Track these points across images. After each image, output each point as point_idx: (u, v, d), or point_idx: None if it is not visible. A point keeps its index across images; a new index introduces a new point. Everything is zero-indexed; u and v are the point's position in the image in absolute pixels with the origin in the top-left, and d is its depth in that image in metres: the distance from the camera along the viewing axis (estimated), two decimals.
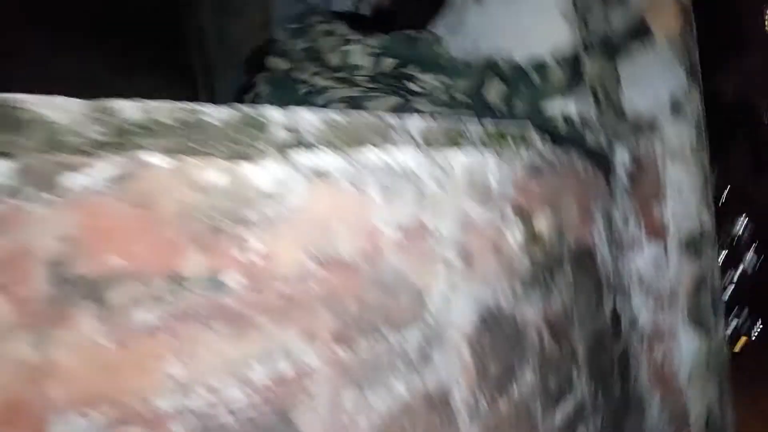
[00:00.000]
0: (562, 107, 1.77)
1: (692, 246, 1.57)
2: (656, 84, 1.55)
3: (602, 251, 1.49)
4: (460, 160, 0.91)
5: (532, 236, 1.12)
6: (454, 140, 1.00)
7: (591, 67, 1.72)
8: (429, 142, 0.89)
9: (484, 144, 1.07)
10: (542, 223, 1.16)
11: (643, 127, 1.58)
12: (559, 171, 1.27)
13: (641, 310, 1.63)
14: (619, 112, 1.64)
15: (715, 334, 1.61)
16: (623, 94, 1.63)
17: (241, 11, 3.54)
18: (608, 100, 1.68)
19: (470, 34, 1.70)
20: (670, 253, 1.59)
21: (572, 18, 1.72)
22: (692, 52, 1.55)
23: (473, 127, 1.10)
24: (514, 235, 1.04)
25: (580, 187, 1.39)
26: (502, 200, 1.00)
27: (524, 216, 1.10)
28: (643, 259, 1.61)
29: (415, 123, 0.88)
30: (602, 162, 1.52)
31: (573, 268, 1.28)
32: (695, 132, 1.54)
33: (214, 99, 4.08)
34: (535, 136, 1.37)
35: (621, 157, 1.59)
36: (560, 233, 1.23)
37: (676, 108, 1.54)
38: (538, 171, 1.16)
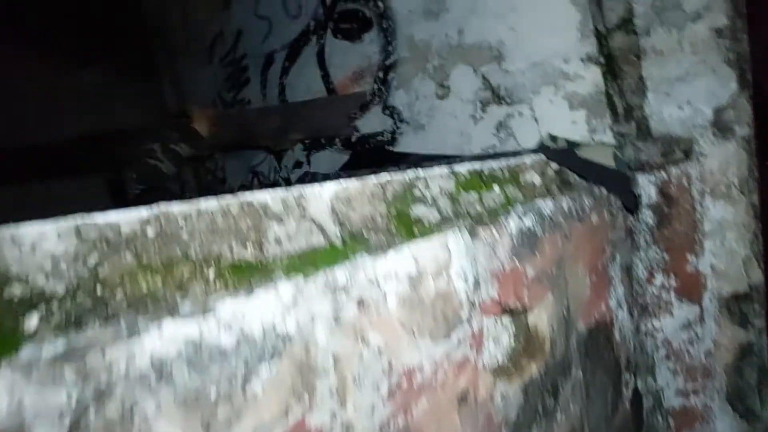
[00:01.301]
0: (567, 121, 1.38)
1: (736, 308, 1.19)
2: (695, 93, 1.16)
3: (621, 322, 1.11)
4: (399, 264, 0.53)
5: (524, 344, 0.74)
6: (403, 217, 0.61)
7: (607, 67, 1.32)
8: (345, 222, 0.50)
9: (448, 213, 0.69)
10: (541, 318, 0.77)
11: (676, 151, 1.19)
12: (565, 224, 0.89)
13: (667, 386, 1.27)
14: (644, 130, 1.25)
15: (761, 418, 1.24)
16: (649, 105, 1.23)
17: None
18: (629, 114, 1.29)
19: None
20: (706, 317, 1.22)
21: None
22: (744, 51, 1.14)
23: (435, 180, 0.71)
24: (492, 359, 0.66)
25: (593, 240, 1.01)
26: (471, 313, 0.62)
27: (514, 315, 0.72)
28: (672, 324, 1.24)
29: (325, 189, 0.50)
30: (623, 198, 1.13)
31: (584, 364, 0.91)
32: (745, 158, 1.15)
33: (178, 85, 3.67)
34: (531, 175, 0.98)
35: (645, 191, 1.21)
36: (567, 322, 0.85)
37: (720, 126, 1.15)
38: (533, 237, 0.78)
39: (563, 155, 1.05)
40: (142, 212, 0.40)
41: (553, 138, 1.22)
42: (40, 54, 2.87)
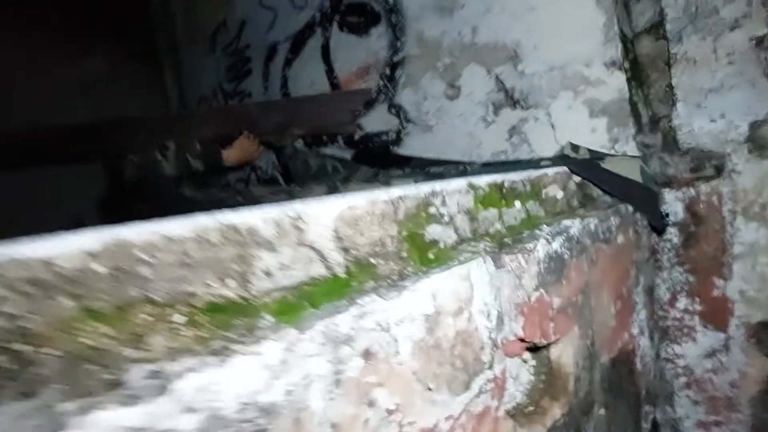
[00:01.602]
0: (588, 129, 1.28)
1: (765, 338, 1.11)
2: (730, 106, 1.07)
3: (643, 349, 1.03)
4: (414, 303, 0.43)
5: (546, 382, 0.65)
6: (416, 239, 0.52)
7: (632, 73, 1.22)
8: (353, 253, 0.41)
9: (466, 234, 0.60)
10: (566, 353, 0.69)
11: (706, 167, 1.10)
12: (591, 247, 0.80)
13: (687, 417, 1.18)
14: (671, 142, 1.16)
15: None
16: (678, 116, 1.14)
17: None
18: (655, 124, 1.20)
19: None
20: (732, 346, 1.13)
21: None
22: None
23: (453, 196, 0.62)
24: (511, 400, 0.57)
25: (619, 263, 0.92)
26: (493, 355, 0.53)
27: (536, 350, 0.63)
28: (694, 350, 1.15)
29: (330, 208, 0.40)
30: (651, 217, 1.04)
31: (607, 400, 0.82)
32: None
33: (179, 74, 3.57)
34: (554, 188, 0.89)
35: (671, 208, 1.12)
36: (591, 355, 0.76)
37: (757, 142, 1.06)
38: (561, 263, 0.69)
39: (587, 167, 0.96)
40: (87, 241, 0.30)
41: (575, 147, 1.13)
42: (42, 38, 2.78)
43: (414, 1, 1.73)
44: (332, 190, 1.39)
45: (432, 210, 0.59)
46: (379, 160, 1.84)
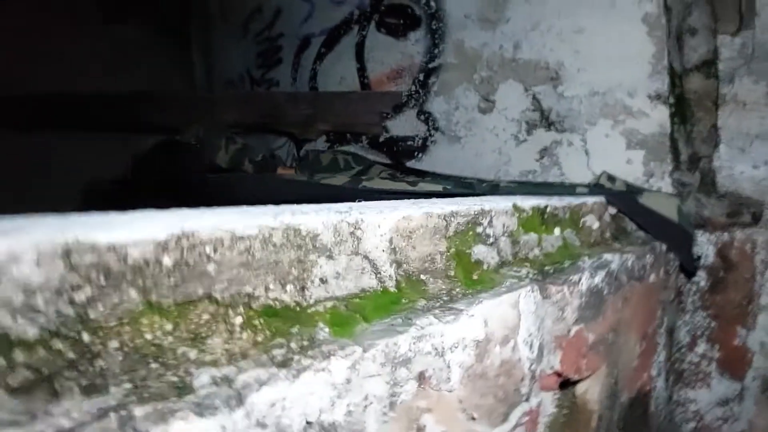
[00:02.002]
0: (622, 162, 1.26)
1: None
2: None
3: (658, 390, 1.00)
4: (469, 328, 0.42)
5: (568, 417, 0.63)
6: (463, 258, 0.51)
7: (676, 109, 1.19)
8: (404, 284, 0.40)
9: (507, 257, 0.58)
10: (593, 391, 0.67)
11: (744, 213, 1.07)
12: (627, 284, 0.78)
13: None
14: (709, 184, 1.13)
15: None
16: (720, 158, 1.12)
17: None
18: (694, 163, 1.17)
19: None
20: (746, 396, 1.10)
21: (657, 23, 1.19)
22: None
23: (500, 217, 0.60)
24: None
25: (648, 302, 0.89)
26: (531, 388, 0.51)
27: (565, 387, 0.61)
28: (707, 397, 1.13)
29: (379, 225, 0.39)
30: (683, 258, 1.01)
31: None
32: None
33: (209, 55, 3.57)
34: (591, 218, 0.87)
35: (702, 250, 1.10)
36: (614, 394, 0.74)
37: None
38: (600, 298, 0.67)
39: (625, 200, 0.94)
40: (158, 231, 0.29)
41: (611, 178, 1.11)
42: (73, 4, 2.78)
43: (457, 10, 1.71)
44: (355, 181, 1.37)
45: (479, 230, 0.57)
46: (401, 168, 1.82)
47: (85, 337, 0.26)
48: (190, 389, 0.25)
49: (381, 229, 0.43)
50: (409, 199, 1.17)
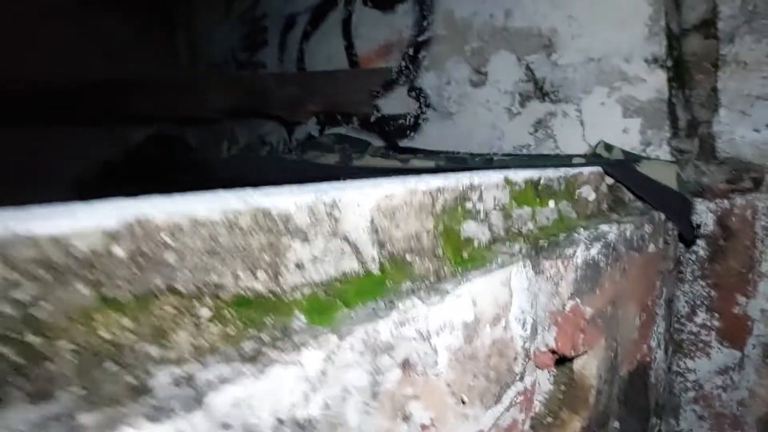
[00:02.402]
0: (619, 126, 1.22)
1: None
2: None
3: (657, 362, 1.00)
4: (456, 309, 0.40)
5: (566, 393, 0.62)
6: (451, 236, 0.48)
7: (674, 73, 1.15)
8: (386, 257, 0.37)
9: (499, 233, 0.56)
10: (590, 366, 0.65)
11: (744, 179, 1.05)
12: (625, 256, 0.76)
13: (691, 431, 1.16)
14: (708, 150, 1.10)
15: None
16: (719, 123, 1.09)
17: None
18: (693, 129, 1.14)
19: None
20: (746, 365, 1.10)
21: None
22: None
23: (491, 191, 0.58)
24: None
25: (647, 273, 0.88)
26: (525, 366, 0.49)
27: (562, 363, 0.60)
28: (707, 366, 1.12)
29: (364, 199, 0.36)
30: (682, 227, 0.99)
31: (621, 413, 0.80)
32: None
33: (193, 39, 3.48)
34: (587, 189, 0.85)
35: (702, 219, 1.08)
36: (612, 368, 0.73)
37: None
38: (597, 271, 0.65)
39: (623, 169, 0.91)
40: (106, 219, 0.26)
41: (608, 147, 1.08)
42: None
43: None
44: (346, 160, 1.34)
45: (469, 205, 0.55)
46: (393, 148, 1.78)
47: (31, 338, 0.24)
48: (147, 390, 0.23)
49: (361, 208, 0.41)
50: (398, 176, 1.14)
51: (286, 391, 0.25)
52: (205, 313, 0.30)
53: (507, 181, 0.64)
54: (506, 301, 0.46)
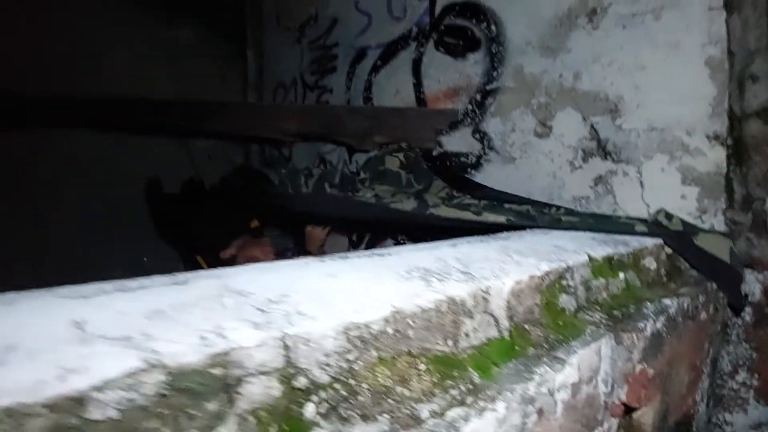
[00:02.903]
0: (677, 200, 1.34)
1: None
2: None
3: (699, 413, 1.11)
4: (571, 372, 0.55)
5: None
6: (551, 307, 0.64)
7: (733, 151, 1.26)
8: (517, 330, 0.53)
9: (582, 302, 0.71)
10: (647, 417, 0.79)
11: None
12: (682, 324, 0.89)
13: None
14: (761, 225, 1.21)
15: None
16: None
17: None
18: (747, 204, 1.25)
19: None
20: None
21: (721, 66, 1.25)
22: None
23: (579, 269, 0.73)
24: None
25: (699, 337, 1.00)
26: (604, 416, 0.64)
27: (627, 413, 0.74)
28: (743, 421, 1.22)
29: (500, 290, 0.53)
30: (732, 297, 1.11)
31: None
32: None
33: (261, 57, 3.76)
34: (649, 260, 0.98)
35: (749, 288, 1.18)
36: (664, 418, 0.86)
37: None
38: (660, 339, 0.79)
39: (682, 242, 1.04)
40: (383, 311, 0.44)
41: (668, 216, 1.20)
42: (137, 8, 3.01)
43: (518, 36, 1.79)
44: (422, 208, 1.50)
45: (564, 282, 0.70)
46: (455, 181, 1.92)
47: (351, 381, 0.41)
48: (420, 420, 0.40)
49: (501, 292, 0.57)
50: (473, 226, 1.29)
51: (489, 428, 0.42)
52: (422, 367, 0.47)
53: (590, 258, 0.79)
54: (597, 366, 0.61)
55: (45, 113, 2.67)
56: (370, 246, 2.56)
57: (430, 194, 1.76)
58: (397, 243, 2.38)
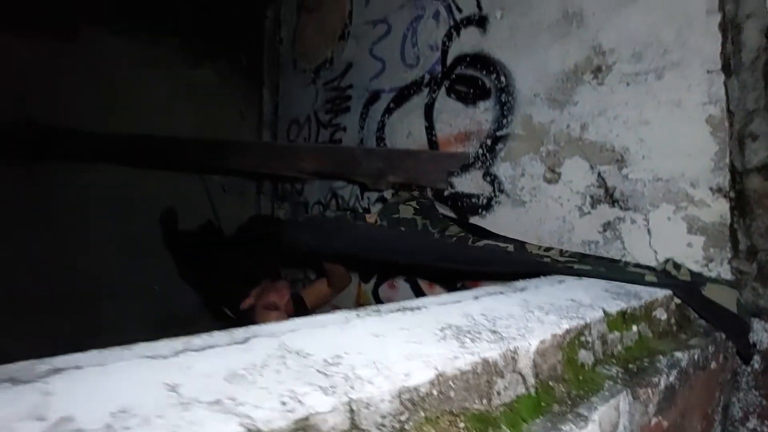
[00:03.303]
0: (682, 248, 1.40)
1: None
2: None
3: None
4: (593, 429, 0.60)
5: None
6: (572, 362, 0.69)
7: (737, 203, 1.34)
8: (544, 389, 0.59)
9: (599, 356, 0.76)
10: None
11: None
12: (693, 375, 0.93)
13: None
14: (766, 275, 1.26)
15: None
16: None
17: (319, 6, 3.31)
18: (752, 254, 1.30)
19: None
20: None
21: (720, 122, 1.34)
22: None
23: (596, 325, 0.78)
24: None
25: (710, 387, 1.04)
26: None
27: None
28: None
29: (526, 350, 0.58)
30: (740, 347, 1.15)
31: None
32: None
33: (277, 95, 3.95)
34: (660, 311, 1.03)
35: (757, 337, 1.22)
36: None
37: None
38: (673, 392, 0.83)
39: (690, 293, 1.09)
40: (429, 374, 0.50)
41: (677, 266, 1.25)
42: (160, 47, 3.22)
43: (526, 87, 1.91)
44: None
45: (582, 338, 0.76)
46: (469, 227, 1.98)
47: (408, 426, 0.47)
48: None
49: (528, 352, 0.63)
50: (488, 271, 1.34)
51: None
52: (461, 425, 0.52)
53: (605, 313, 0.85)
54: (616, 421, 0.66)
55: (70, 146, 2.81)
56: (381, 280, 2.62)
57: (447, 238, 1.83)
58: (408, 280, 2.44)
